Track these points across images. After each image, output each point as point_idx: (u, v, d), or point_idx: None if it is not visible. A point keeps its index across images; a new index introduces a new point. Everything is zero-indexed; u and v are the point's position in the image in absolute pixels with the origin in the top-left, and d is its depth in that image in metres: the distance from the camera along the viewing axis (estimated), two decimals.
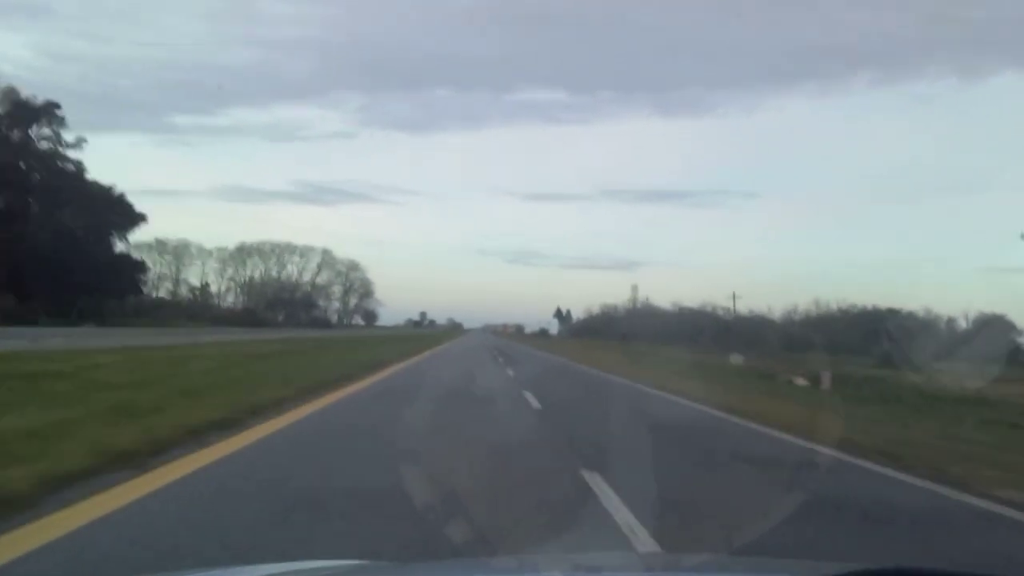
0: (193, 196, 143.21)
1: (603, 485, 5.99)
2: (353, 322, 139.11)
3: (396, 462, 6.44)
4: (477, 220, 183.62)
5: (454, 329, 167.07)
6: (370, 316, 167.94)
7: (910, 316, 62.96)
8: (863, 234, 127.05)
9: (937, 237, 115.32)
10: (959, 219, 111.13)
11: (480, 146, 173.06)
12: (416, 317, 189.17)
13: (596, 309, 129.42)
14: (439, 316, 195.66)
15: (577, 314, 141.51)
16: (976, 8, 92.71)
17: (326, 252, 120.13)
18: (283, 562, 1.92)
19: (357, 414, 10.75)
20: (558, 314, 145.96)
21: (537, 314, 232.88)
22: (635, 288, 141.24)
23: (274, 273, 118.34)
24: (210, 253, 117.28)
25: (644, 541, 4.43)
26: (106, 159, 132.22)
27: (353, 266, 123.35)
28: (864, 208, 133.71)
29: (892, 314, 56.58)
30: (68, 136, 49.91)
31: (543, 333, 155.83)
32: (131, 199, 52.81)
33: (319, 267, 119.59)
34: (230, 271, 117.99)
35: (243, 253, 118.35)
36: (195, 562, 3.61)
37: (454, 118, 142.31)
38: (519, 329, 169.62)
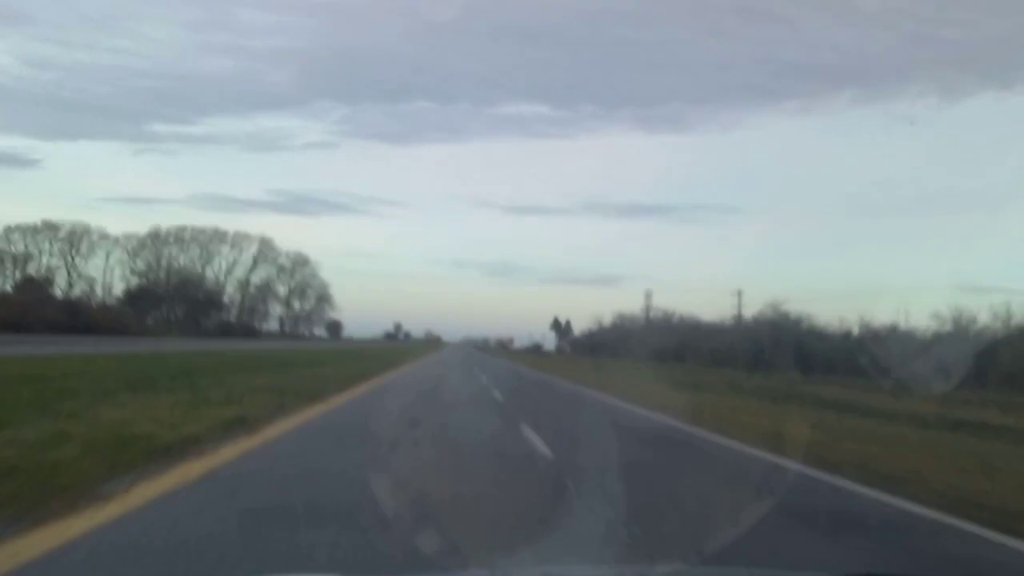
0: (171, 204, 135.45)
1: None
2: (306, 332, 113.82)
3: None
4: (457, 232, 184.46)
5: (431, 343, 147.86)
6: (334, 327, 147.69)
7: None
8: (843, 250, 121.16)
9: (915, 254, 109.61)
10: (937, 237, 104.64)
11: (461, 159, 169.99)
12: (391, 329, 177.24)
13: (607, 320, 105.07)
14: (417, 329, 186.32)
15: (579, 325, 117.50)
16: (957, 29, 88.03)
17: (264, 242, 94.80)
18: (263, 574, 1.83)
19: None
20: (556, 326, 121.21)
21: (518, 327, 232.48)
22: (649, 295, 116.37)
23: (198, 267, 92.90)
24: (115, 241, 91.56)
25: None
26: (84, 166, 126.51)
27: (300, 260, 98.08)
28: (844, 224, 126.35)
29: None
30: None
31: (536, 349, 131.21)
32: None
33: (255, 260, 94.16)
34: (141, 263, 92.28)
35: (157, 241, 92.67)
36: None
37: (436, 130, 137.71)
38: (502, 343, 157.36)
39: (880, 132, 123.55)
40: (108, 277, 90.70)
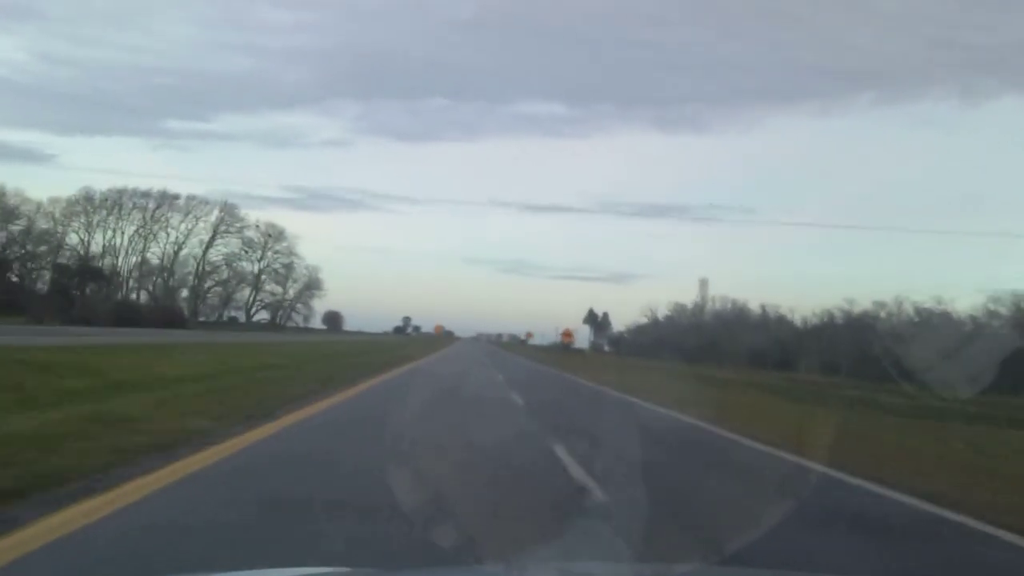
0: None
1: None
2: (293, 324, 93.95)
3: None
4: (471, 230, 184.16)
5: (442, 338, 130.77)
6: (332, 319, 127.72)
7: None
8: (859, 252, 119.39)
9: (937, 258, 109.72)
10: (958, 239, 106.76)
11: (477, 157, 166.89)
12: (400, 324, 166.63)
13: (660, 312, 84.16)
14: (428, 324, 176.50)
15: (618, 318, 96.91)
16: (978, 32, 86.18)
17: (227, 209, 74.45)
18: (272, 568, 1.93)
19: None
20: (591, 319, 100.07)
21: (531, 324, 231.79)
22: (704, 284, 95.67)
23: (142, 239, 72.81)
24: (37, 207, 71.73)
25: None
26: (100, 161, 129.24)
27: (274, 233, 77.65)
28: (864, 226, 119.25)
29: None
30: None
31: (565, 346, 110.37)
32: None
33: (215, 231, 73.85)
34: (75, 235, 72.35)
35: (91, 206, 72.72)
36: None
37: (451, 128, 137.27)
38: (515, 339, 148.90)
39: (900, 134, 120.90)
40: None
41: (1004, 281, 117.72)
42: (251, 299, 78.12)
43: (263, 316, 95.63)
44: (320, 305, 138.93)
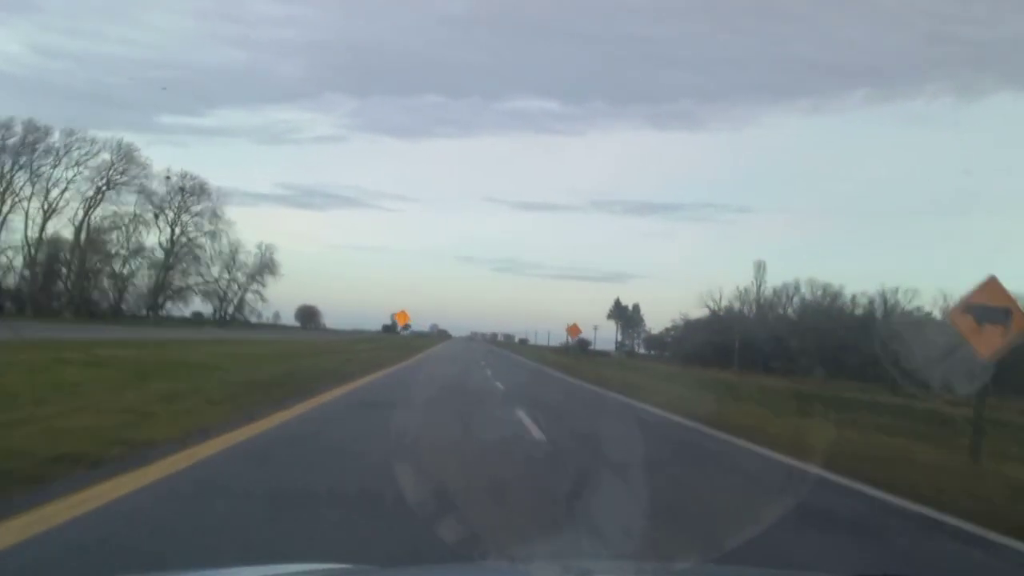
0: None
1: None
2: (242, 318, 73.44)
3: None
4: (464, 228, 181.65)
5: (426, 338, 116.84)
6: (306, 314, 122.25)
7: None
8: (855, 251, 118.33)
9: (930, 256, 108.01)
10: (952, 239, 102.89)
11: (470, 154, 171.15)
12: (388, 322, 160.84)
13: (719, 301, 65.14)
14: (420, 322, 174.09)
15: (650, 311, 77.23)
16: (975, 28, 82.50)
17: (123, 152, 53.18)
18: (270, 564, 1.92)
19: None
20: (618, 313, 79.78)
21: (525, 323, 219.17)
22: (761, 267, 76.86)
23: (2, 196, 51.78)
24: None
25: None
26: None
27: (194, 187, 56.86)
28: (858, 224, 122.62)
29: None
30: None
31: (583, 346, 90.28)
32: None
33: (107, 180, 52.54)
34: None
35: None
36: None
37: (445, 125, 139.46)
38: (510, 338, 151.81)
39: (894, 131, 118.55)
40: None
41: (1003, 280, 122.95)
42: (159, 281, 55.99)
43: (199, 309, 75.43)
44: (280, 294, 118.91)
